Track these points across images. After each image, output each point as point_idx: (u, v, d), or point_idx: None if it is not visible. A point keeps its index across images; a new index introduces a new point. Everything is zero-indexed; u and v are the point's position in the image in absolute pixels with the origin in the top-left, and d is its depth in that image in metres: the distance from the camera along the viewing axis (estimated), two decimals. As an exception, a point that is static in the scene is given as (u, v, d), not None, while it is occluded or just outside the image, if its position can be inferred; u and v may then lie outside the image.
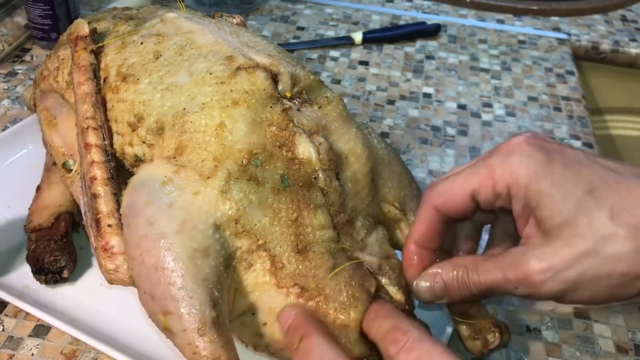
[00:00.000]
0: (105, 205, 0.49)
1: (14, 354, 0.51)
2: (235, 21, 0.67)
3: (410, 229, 0.50)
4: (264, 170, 0.46)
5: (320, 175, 0.47)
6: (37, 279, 0.55)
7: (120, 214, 0.49)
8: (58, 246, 0.56)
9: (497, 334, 0.50)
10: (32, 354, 0.51)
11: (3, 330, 0.53)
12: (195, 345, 0.41)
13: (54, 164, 0.63)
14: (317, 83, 0.53)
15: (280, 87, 0.50)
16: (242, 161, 0.46)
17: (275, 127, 0.47)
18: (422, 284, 0.48)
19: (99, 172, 0.50)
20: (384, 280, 0.48)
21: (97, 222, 0.49)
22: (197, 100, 0.49)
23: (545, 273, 0.42)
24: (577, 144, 0.82)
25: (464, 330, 0.51)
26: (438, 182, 0.48)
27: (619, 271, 0.41)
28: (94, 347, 0.51)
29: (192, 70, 0.51)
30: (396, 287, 0.48)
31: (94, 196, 0.50)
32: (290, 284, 0.45)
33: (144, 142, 0.51)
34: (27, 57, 0.90)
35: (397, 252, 0.51)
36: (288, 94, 0.50)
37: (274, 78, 0.50)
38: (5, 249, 0.59)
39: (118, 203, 0.49)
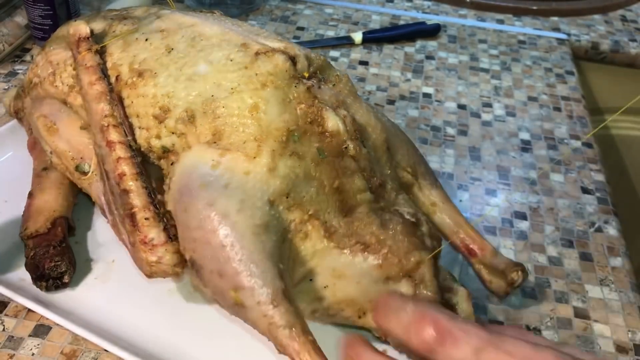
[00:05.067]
0: (138, 200, 0.50)
1: (14, 354, 0.51)
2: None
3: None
4: (301, 145, 0.49)
5: (350, 144, 0.50)
6: (38, 286, 0.55)
7: (155, 206, 0.49)
8: (57, 252, 0.55)
9: (519, 272, 0.53)
10: (33, 354, 0.51)
11: (3, 330, 0.53)
12: (270, 316, 0.43)
13: (44, 169, 0.62)
14: (326, 63, 0.56)
15: (299, 68, 0.52)
16: (282, 139, 0.48)
17: (304, 105, 0.50)
18: None
19: (126, 168, 0.51)
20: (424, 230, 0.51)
21: (132, 216, 0.49)
22: (223, 86, 0.50)
23: None
24: (577, 144, 0.82)
25: (485, 274, 0.54)
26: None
27: None
28: (89, 340, 0.51)
29: (210, 60, 0.52)
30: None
31: (125, 192, 0.50)
32: (352, 243, 0.48)
33: (173, 133, 0.51)
34: (27, 57, 0.90)
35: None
36: (306, 74, 0.53)
37: (292, 60, 0.52)
38: (1, 243, 0.59)
39: (150, 196, 0.50)
